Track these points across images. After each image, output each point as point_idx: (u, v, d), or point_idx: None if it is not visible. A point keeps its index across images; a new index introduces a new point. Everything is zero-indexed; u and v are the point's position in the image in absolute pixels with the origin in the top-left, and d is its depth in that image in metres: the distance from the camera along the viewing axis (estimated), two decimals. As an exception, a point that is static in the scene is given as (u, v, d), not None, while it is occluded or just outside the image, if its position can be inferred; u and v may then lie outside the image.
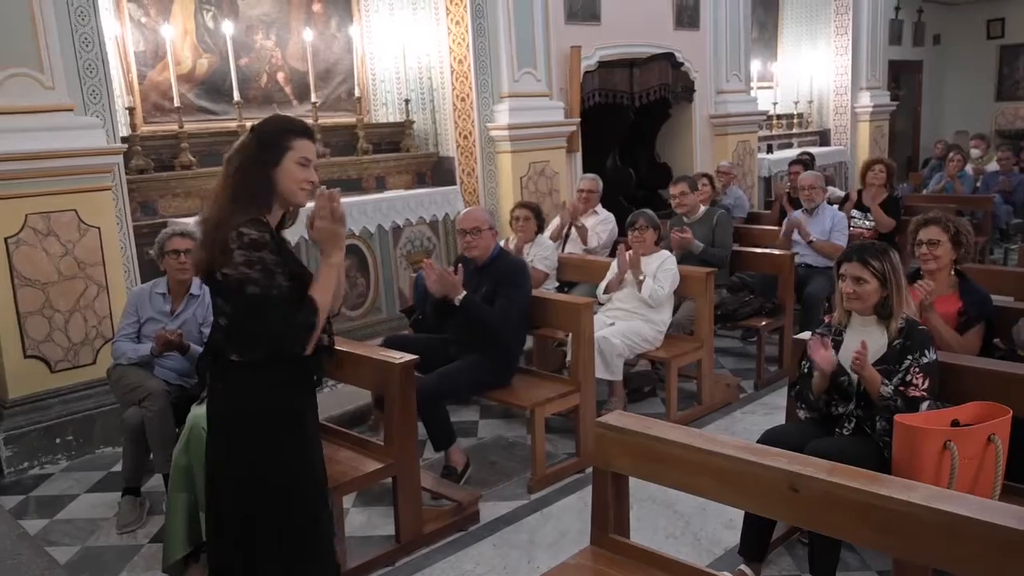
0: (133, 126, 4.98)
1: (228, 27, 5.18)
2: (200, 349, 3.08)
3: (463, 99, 6.19)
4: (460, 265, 3.95)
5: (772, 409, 4.57)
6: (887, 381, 2.73)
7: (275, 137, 2.19)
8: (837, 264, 2.95)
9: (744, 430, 4.31)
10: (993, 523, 1.73)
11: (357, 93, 6.02)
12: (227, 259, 2.08)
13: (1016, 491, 2.74)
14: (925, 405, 2.71)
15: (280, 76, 5.84)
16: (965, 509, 1.78)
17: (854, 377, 2.80)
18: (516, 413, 4.62)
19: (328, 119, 5.96)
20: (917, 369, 2.73)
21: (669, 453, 2.27)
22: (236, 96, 5.25)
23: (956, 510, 1.78)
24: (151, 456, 3.49)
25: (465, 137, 6.27)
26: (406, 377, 3.15)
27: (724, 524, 3.34)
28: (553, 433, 4.34)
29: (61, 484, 4.03)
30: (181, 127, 5.07)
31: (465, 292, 3.80)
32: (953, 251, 3.51)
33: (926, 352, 2.75)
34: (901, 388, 2.72)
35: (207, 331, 3.18)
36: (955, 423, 2.56)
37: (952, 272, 3.53)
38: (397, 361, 3.13)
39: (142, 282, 4.24)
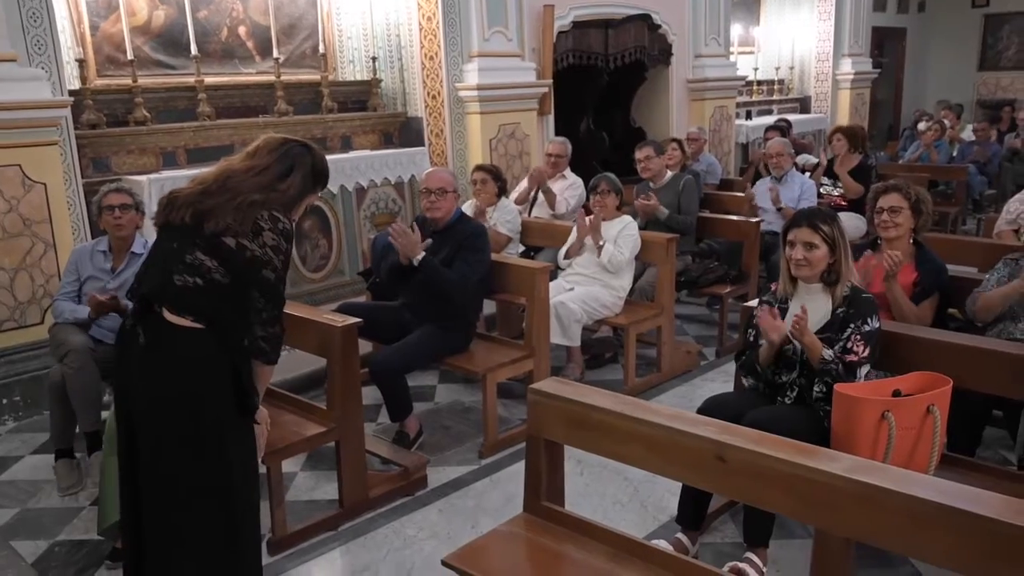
0: (84, 79, 4.82)
1: (184, -24, 5.02)
2: None
3: (431, 58, 6.06)
4: (416, 225, 3.88)
5: (731, 376, 4.49)
6: (828, 347, 2.70)
7: (319, 177, 2.35)
8: (784, 231, 2.89)
9: (700, 397, 4.20)
10: (910, 495, 1.70)
11: (322, 50, 5.87)
12: (253, 235, 2.09)
13: (955, 461, 2.73)
14: (864, 371, 2.68)
15: (242, 30, 5.69)
16: (884, 481, 1.75)
17: (799, 346, 2.76)
18: (475, 378, 4.58)
19: (292, 76, 5.82)
20: (858, 336, 2.69)
21: (601, 421, 2.24)
22: (194, 50, 5.10)
23: (875, 481, 1.76)
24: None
25: (434, 97, 6.15)
26: (348, 340, 3.09)
27: (671, 492, 3.29)
28: (511, 398, 4.31)
29: (7, 445, 3.97)
30: (135, 81, 4.93)
31: (424, 253, 3.73)
32: (913, 219, 3.46)
33: (868, 320, 2.71)
34: (841, 354, 2.69)
35: None
36: (897, 393, 2.54)
37: (910, 241, 3.49)
38: (339, 324, 3.07)
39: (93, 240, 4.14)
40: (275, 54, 5.49)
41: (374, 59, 6.13)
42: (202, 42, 5.27)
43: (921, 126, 9.53)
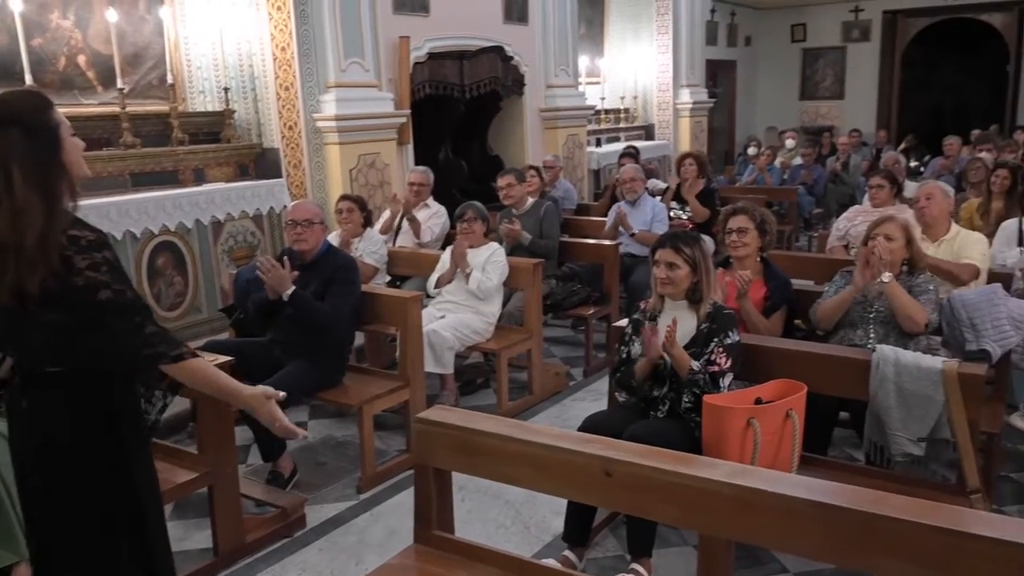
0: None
1: (16, 3, 4.70)
2: None
3: (287, 88, 5.94)
4: (287, 259, 3.80)
5: (600, 395, 4.70)
6: (695, 360, 2.86)
7: (41, 120, 1.93)
8: (652, 251, 3.06)
9: (573, 417, 4.40)
10: (783, 494, 1.83)
11: (170, 80, 5.63)
12: (65, 269, 1.85)
13: (812, 461, 2.95)
14: (727, 380, 2.86)
15: (81, 59, 5.38)
16: (759, 483, 1.88)
17: (669, 360, 2.91)
18: (347, 412, 4.51)
19: (138, 107, 5.55)
20: (721, 349, 2.88)
21: (488, 445, 2.27)
22: (28, 79, 4.76)
23: (752, 484, 1.88)
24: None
25: (290, 128, 6.03)
26: (219, 380, 2.97)
27: (553, 511, 3.38)
28: (386, 430, 4.27)
29: None
30: (-39, 112, 4.55)
31: (294, 287, 3.65)
32: (759, 238, 3.73)
33: (730, 333, 2.90)
34: (706, 366, 2.86)
35: None
36: (758, 401, 2.72)
37: (758, 259, 3.75)
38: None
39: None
40: (119, 84, 5.22)
41: (226, 89, 5.95)
42: (37, 71, 4.93)
43: (751, 151, 10.28)
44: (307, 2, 5.74)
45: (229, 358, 3.06)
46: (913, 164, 10.17)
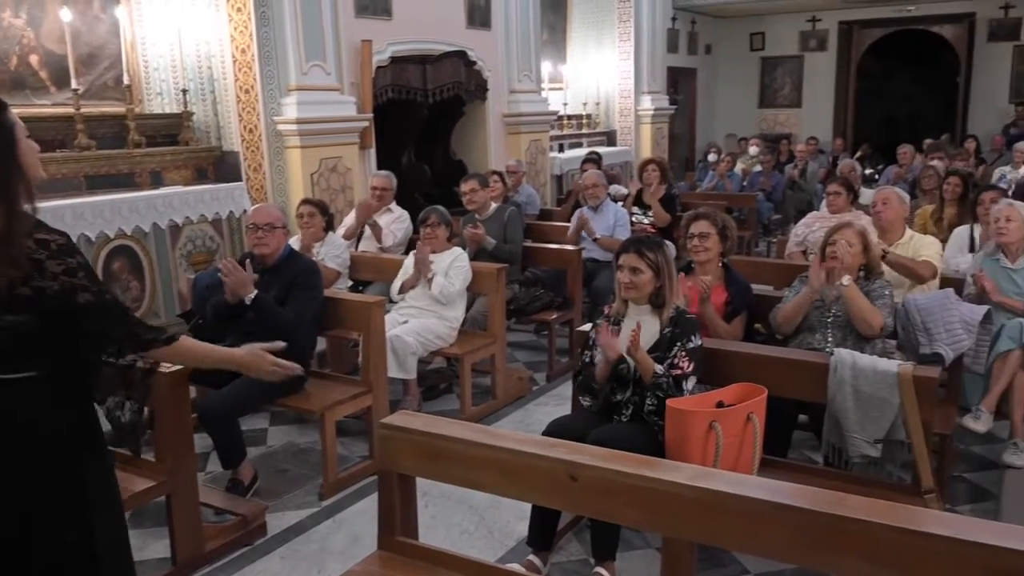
0: None
1: (-34, 1, 4.60)
2: None
3: (247, 91, 5.88)
4: (248, 262, 3.75)
5: (563, 400, 4.71)
6: (658, 364, 2.89)
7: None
8: (616, 256, 3.08)
9: (537, 421, 4.41)
10: (746, 496, 1.85)
11: (127, 81, 5.54)
12: (37, 272, 1.81)
13: (772, 463, 2.99)
14: (690, 384, 2.88)
15: (33, 59, 5.27)
16: (722, 485, 1.90)
17: (632, 364, 2.93)
18: (309, 418, 4.45)
19: (93, 108, 5.45)
20: (683, 353, 2.91)
21: (453, 450, 2.26)
22: (-22, 79, 4.67)
23: (715, 487, 1.90)
24: None
25: (251, 131, 5.97)
26: (176, 387, 2.92)
27: (517, 516, 3.37)
28: (349, 436, 4.23)
29: None
30: (-92, 113, 4.42)
31: (256, 291, 3.60)
32: (720, 244, 3.77)
33: (692, 337, 2.93)
34: (669, 370, 2.89)
35: None
36: (720, 404, 2.75)
37: (719, 264, 3.80)
38: (165, 370, 2.89)
39: None
40: (73, 85, 5.12)
41: (185, 91, 5.86)
42: (-13, 70, 4.84)
43: (711, 157, 10.42)
44: (268, 4, 5.69)
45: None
46: (868, 172, 10.40)
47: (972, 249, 4.74)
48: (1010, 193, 6.48)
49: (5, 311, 1.82)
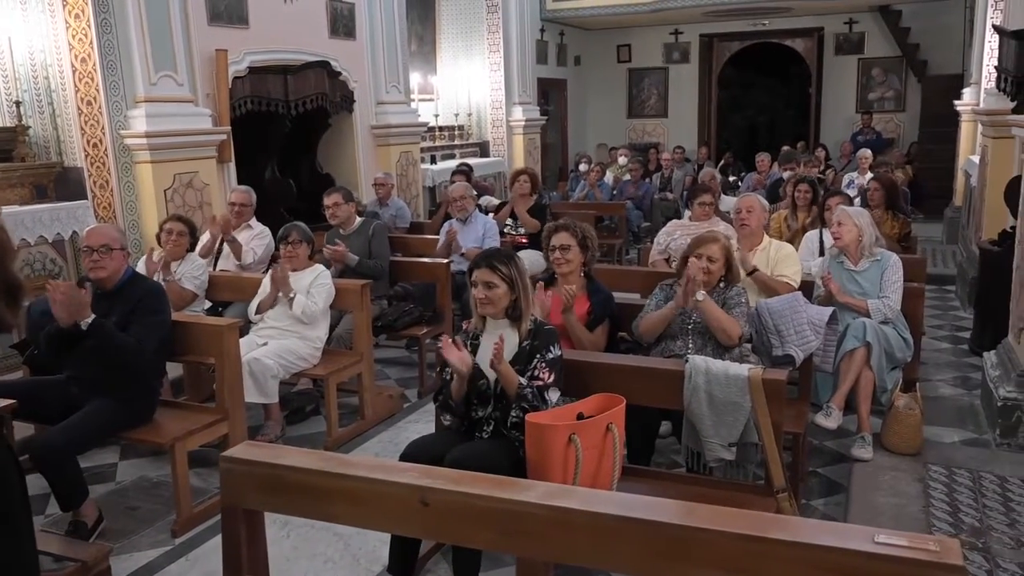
0: None
1: None
2: None
3: (90, 103, 5.51)
4: (87, 285, 3.48)
5: (435, 416, 4.62)
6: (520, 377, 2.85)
7: None
8: (468, 271, 3.02)
9: (406, 440, 4.24)
10: (595, 511, 1.83)
11: (-50, 92, 5.10)
12: None
13: (636, 471, 3.01)
14: (554, 396, 2.86)
15: None
16: (572, 502, 1.87)
17: (491, 377, 2.88)
18: (162, 450, 4.20)
19: (-89, 122, 4.98)
20: (543, 364, 2.88)
21: (300, 482, 2.13)
22: None
23: (565, 504, 1.86)
24: None
25: (95, 145, 5.59)
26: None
27: (383, 541, 3.24)
28: (207, 467, 4.00)
29: None
30: None
31: (94, 315, 3.34)
32: (582, 254, 3.79)
33: (552, 348, 2.91)
34: (530, 381, 2.85)
35: None
36: (580, 416, 2.74)
37: (582, 274, 3.81)
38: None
39: None
40: None
41: (18, 104, 5.44)
42: None
43: (582, 167, 10.61)
44: (109, 10, 5.36)
45: (11, 401, 2.76)
46: (732, 179, 10.84)
47: (822, 252, 4.97)
48: (856, 198, 6.88)
49: None
